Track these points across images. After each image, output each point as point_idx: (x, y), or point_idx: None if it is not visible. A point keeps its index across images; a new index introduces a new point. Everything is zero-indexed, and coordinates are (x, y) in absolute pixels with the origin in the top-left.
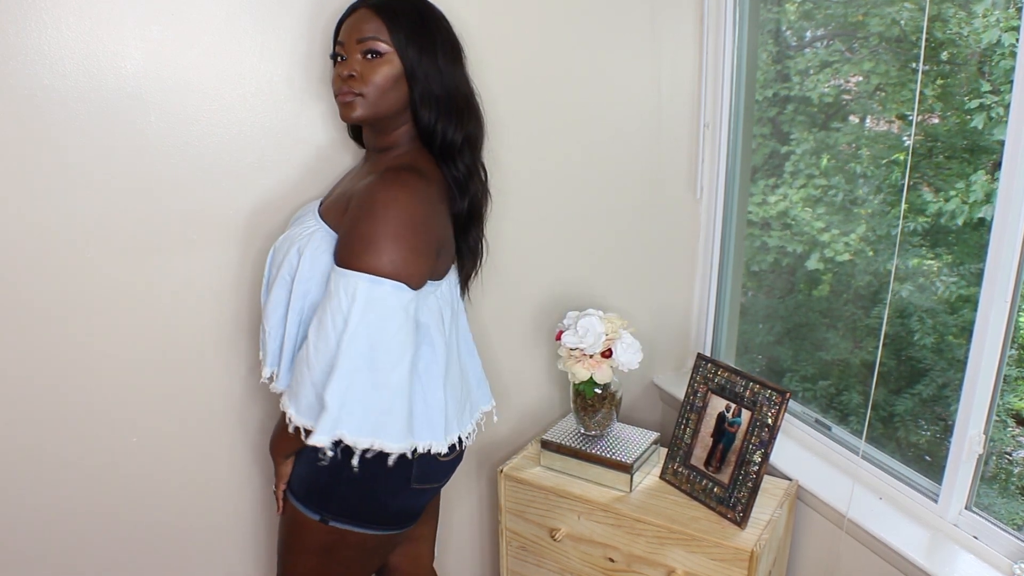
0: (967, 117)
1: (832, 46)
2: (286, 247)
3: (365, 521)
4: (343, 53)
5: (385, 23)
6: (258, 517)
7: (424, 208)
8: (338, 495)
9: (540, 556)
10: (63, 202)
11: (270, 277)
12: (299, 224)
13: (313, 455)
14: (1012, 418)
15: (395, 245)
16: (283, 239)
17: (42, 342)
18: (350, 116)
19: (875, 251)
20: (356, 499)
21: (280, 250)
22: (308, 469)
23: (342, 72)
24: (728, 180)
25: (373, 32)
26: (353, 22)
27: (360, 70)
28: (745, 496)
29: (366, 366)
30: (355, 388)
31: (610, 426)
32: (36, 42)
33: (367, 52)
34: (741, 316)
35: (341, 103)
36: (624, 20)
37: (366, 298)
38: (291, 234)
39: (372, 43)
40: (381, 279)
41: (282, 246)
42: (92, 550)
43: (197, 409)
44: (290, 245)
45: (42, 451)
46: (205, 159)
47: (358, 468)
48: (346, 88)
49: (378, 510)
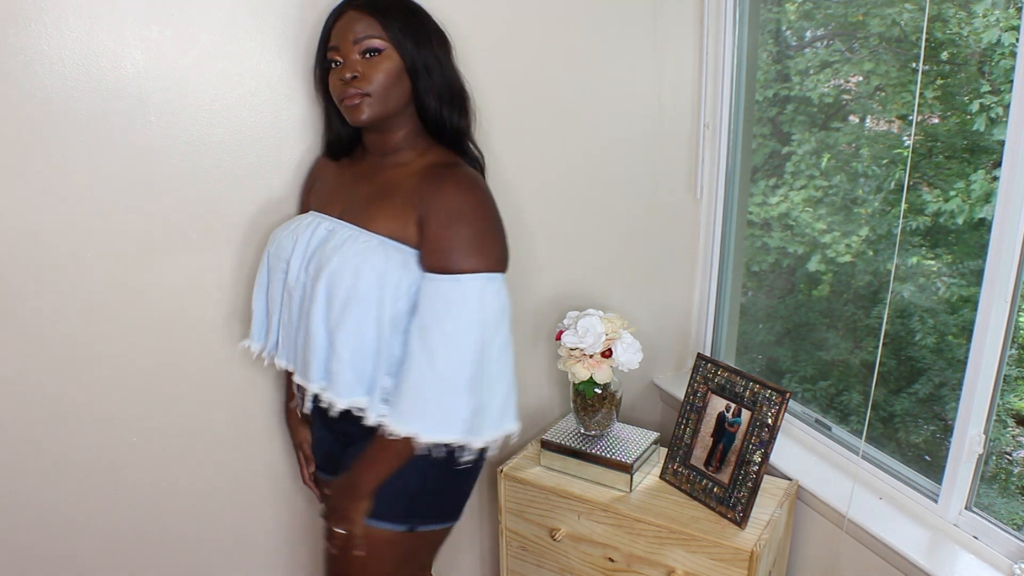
0: (967, 117)
1: (832, 46)
2: (333, 264)
3: (447, 515)
4: (338, 58)
5: (378, 20)
6: (262, 517)
7: (492, 197)
8: (427, 497)
9: (540, 556)
10: (63, 202)
11: (305, 287)
12: (326, 237)
13: (410, 467)
14: (1012, 418)
15: (495, 240)
16: (305, 254)
17: (42, 342)
18: (359, 119)
19: (875, 251)
20: (444, 496)
21: (301, 267)
22: (396, 484)
23: (343, 75)
24: (728, 180)
25: (368, 31)
26: (344, 24)
27: (362, 70)
28: (745, 496)
29: (505, 361)
30: (506, 384)
31: (610, 426)
32: (36, 42)
33: (366, 51)
34: (741, 316)
35: (347, 107)
36: (624, 20)
37: (492, 295)
38: (324, 247)
39: (369, 41)
40: (494, 275)
41: (321, 262)
42: (92, 550)
43: (198, 409)
44: (340, 262)
45: (42, 451)
46: (205, 159)
47: (461, 464)
48: (352, 90)
49: (459, 500)
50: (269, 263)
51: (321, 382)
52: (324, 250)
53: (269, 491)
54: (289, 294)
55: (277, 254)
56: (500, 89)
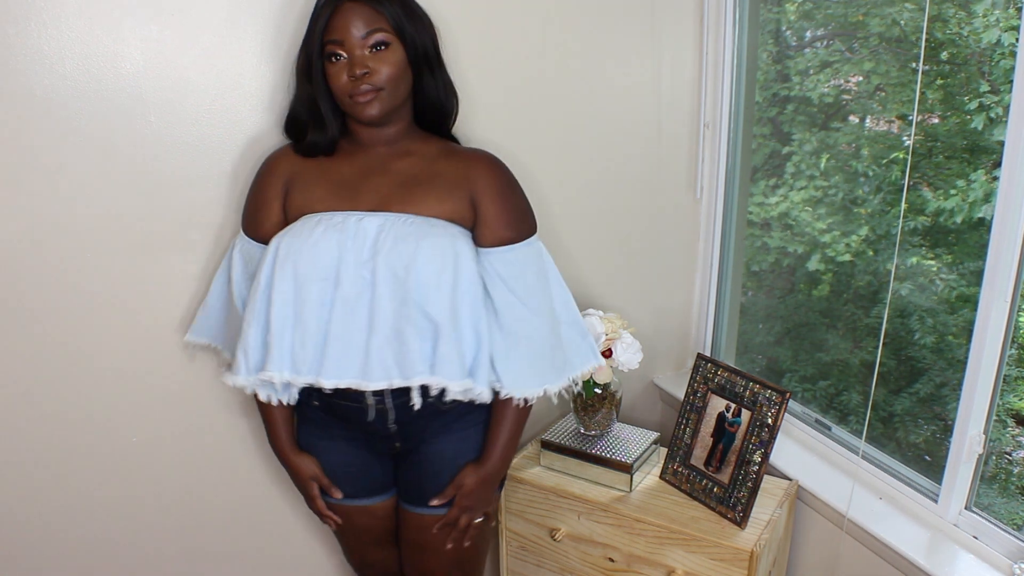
0: (967, 117)
1: (832, 46)
2: (423, 251)
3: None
4: (341, 51)
5: (383, 12)
6: (266, 517)
7: None
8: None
9: (540, 556)
10: (62, 202)
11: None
12: (379, 232)
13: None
14: (1012, 418)
15: (528, 206)
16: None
17: (42, 342)
18: (370, 115)
19: (875, 251)
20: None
21: (358, 270)
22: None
23: (353, 71)
24: (728, 180)
25: (376, 23)
26: (347, 17)
27: (372, 65)
28: (745, 496)
29: (573, 303)
30: (581, 324)
31: (610, 426)
32: (36, 42)
33: (376, 45)
34: (741, 316)
35: (358, 103)
36: (624, 20)
37: (544, 253)
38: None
39: (378, 35)
40: (536, 236)
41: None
42: (93, 550)
43: (199, 409)
44: (431, 247)
45: (41, 450)
46: (205, 159)
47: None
48: (365, 87)
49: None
50: (297, 281)
51: (425, 375)
52: (397, 244)
53: (271, 491)
54: (344, 303)
55: (313, 268)
56: (498, 90)
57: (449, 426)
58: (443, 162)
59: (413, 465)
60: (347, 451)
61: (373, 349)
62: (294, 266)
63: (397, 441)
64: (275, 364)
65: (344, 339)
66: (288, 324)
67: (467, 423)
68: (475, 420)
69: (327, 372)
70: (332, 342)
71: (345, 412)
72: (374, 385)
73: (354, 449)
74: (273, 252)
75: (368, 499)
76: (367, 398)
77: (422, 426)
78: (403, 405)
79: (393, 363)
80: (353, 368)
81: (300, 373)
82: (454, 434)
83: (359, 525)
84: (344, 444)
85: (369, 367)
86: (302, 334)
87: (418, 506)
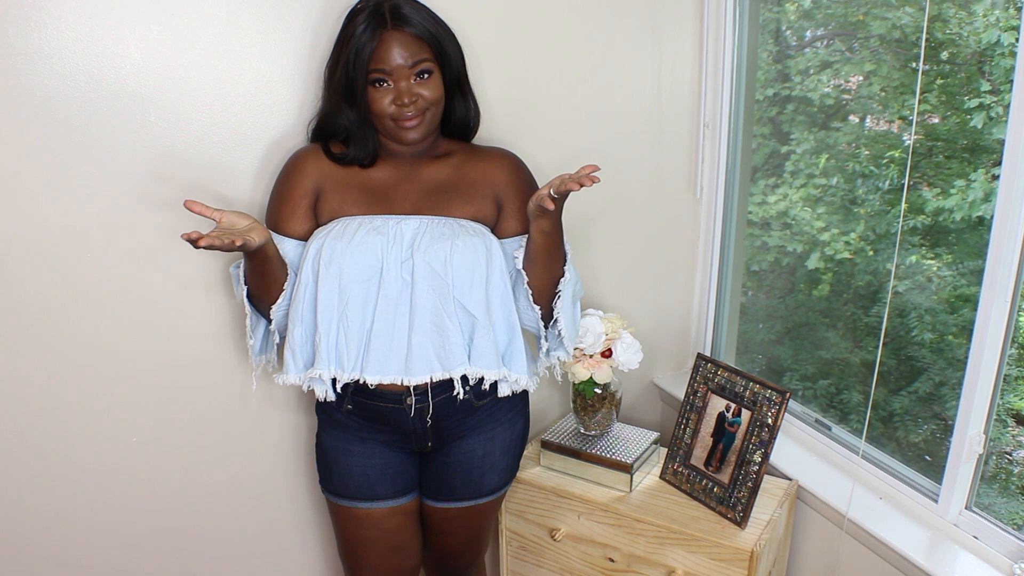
0: (967, 117)
1: (832, 46)
2: (459, 249)
3: None
4: (387, 79)
5: (425, 40)
6: (270, 517)
7: None
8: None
9: (540, 556)
10: (63, 202)
11: (414, 286)
12: (417, 233)
13: (522, 433)
14: (1012, 418)
15: None
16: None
17: (42, 342)
18: (412, 138)
19: (875, 250)
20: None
21: (399, 270)
22: (517, 450)
23: (401, 99)
24: (728, 180)
25: (421, 54)
26: (394, 49)
27: (418, 91)
28: (745, 496)
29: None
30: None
31: (610, 426)
32: (36, 42)
33: (421, 73)
34: (741, 316)
35: (404, 127)
36: (624, 20)
37: None
38: (427, 242)
39: (424, 64)
40: None
41: (435, 253)
42: (92, 550)
43: (199, 410)
44: (465, 246)
45: (41, 451)
46: (205, 159)
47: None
48: (410, 112)
49: None
50: (341, 282)
51: (464, 365)
52: (434, 244)
53: (272, 491)
54: (386, 302)
55: (357, 269)
56: (498, 89)
57: (479, 426)
58: (467, 166)
59: (443, 463)
60: (383, 453)
61: (415, 344)
62: (339, 268)
63: (429, 440)
64: (323, 363)
65: (386, 336)
66: (333, 324)
67: (496, 422)
68: (503, 419)
69: (370, 369)
70: (375, 340)
71: (380, 413)
72: (416, 380)
73: (388, 451)
74: (315, 254)
75: (403, 498)
76: (406, 396)
77: (455, 423)
78: (442, 403)
79: (434, 356)
80: (396, 364)
81: (345, 371)
82: (483, 434)
83: (389, 527)
84: (377, 447)
85: (411, 362)
86: (346, 333)
87: (443, 501)
